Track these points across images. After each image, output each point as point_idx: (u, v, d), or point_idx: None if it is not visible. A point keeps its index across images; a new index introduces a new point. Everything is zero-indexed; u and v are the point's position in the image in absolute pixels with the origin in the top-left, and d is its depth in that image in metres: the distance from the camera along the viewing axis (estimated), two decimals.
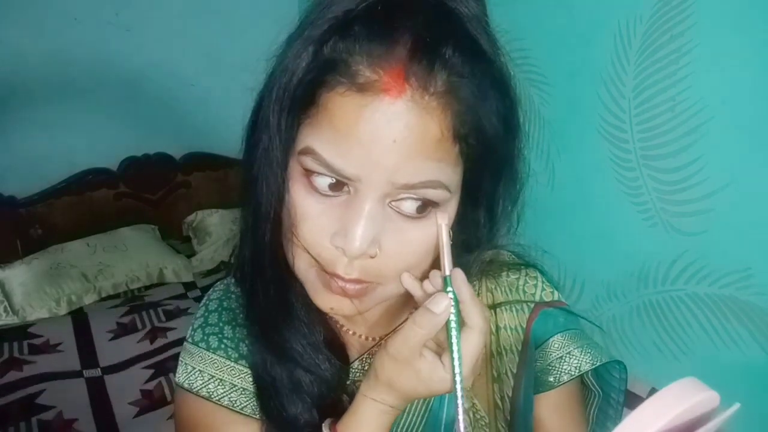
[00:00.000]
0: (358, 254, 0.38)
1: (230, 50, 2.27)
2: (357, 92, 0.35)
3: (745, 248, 1.06)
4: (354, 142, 0.36)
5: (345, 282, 0.41)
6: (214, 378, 0.51)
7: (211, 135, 2.33)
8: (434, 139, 0.36)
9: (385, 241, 0.40)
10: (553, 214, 1.42)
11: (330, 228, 0.40)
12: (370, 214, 0.38)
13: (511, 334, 0.53)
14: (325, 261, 0.41)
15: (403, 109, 0.35)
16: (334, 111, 0.36)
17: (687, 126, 1.11)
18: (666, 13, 1.10)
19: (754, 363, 1.08)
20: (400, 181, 0.37)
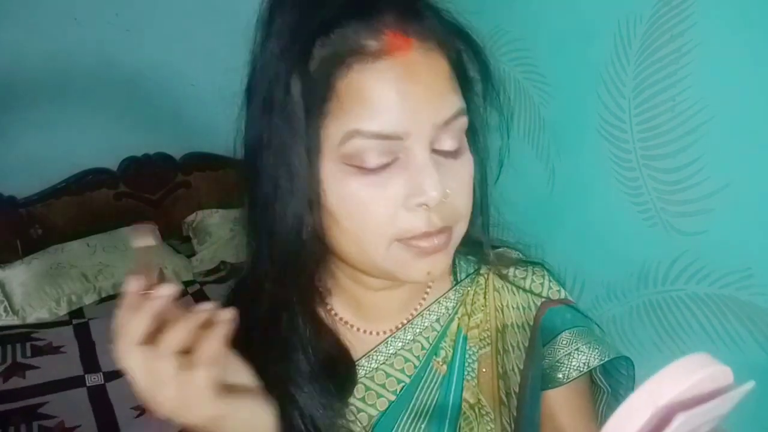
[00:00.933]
0: (439, 201, 0.41)
1: (230, 50, 2.26)
2: (373, 62, 0.39)
3: (745, 248, 1.06)
4: (393, 103, 0.39)
5: (434, 236, 0.43)
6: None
7: (211, 135, 2.33)
8: (447, 74, 0.42)
9: (447, 183, 0.42)
10: (553, 214, 1.42)
11: (399, 196, 0.41)
12: (430, 165, 0.41)
13: (518, 332, 0.53)
14: (406, 229, 0.42)
15: (418, 58, 0.40)
16: (359, 89, 0.39)
17: (687, 126, 1.11)
18: (666, 13, 1.10)
19: (754, 363, 1.08)
20: (442, 118, 0.41)
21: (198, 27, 2.19)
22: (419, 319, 0.54)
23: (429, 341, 0.53)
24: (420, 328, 0.54)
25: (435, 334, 0.53)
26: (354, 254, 0.45)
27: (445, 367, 0.52)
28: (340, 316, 0.55)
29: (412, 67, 0.40)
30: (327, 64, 0.40)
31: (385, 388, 0.52)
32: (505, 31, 1.45)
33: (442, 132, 0.42)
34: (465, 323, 0.53)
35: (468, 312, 0.54)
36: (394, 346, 0.53)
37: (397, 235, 0.42)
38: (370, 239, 0.43)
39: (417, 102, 0.40)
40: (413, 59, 0.40)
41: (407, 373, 0.52)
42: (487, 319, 0.54)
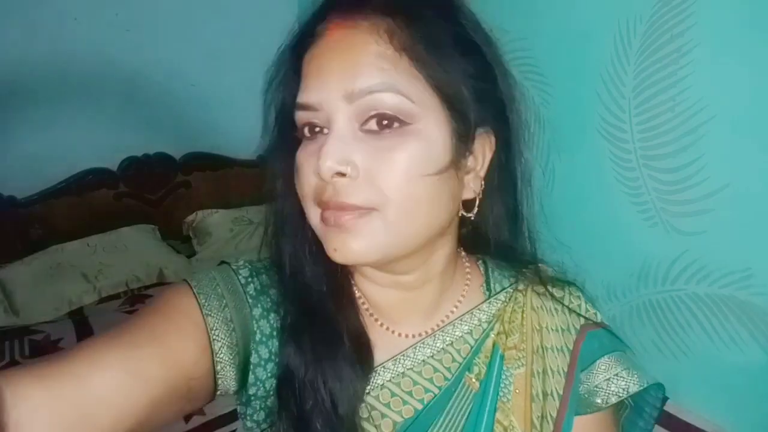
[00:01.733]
0: (328, 173, 0.41)
1: (230, 50, 2.27)
2: (314, 41, 0.45)
3: (745, 248, 1.06)
4: (313, 77, 0.44)
5: (335, 211, 0.42)
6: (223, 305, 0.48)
7: (211, 135, 2.33)
8: (375, 51, 0.42)
9: (362, 160, 0.42)
10: (553, 214, 1.42)
11: (314, 163, 0.43)
12: (338, 135, 0.42)
13: (557, 355, 0.53)
14: (316, 195, 0.44)
15: (344, 35, 0.43)
16: (305, 67, 0.45)
17: (687, 126, 1.11)
18: (666, 13, 1.10)
19: (754, 363, 1.08)
20: (351, 89, 0.41)
21: (198, 27, 2.20)
22: (450, 327, 0.53)
23: (461, 354, 0.52)
24: (451, 338, 0.53)
25: (468, 348, 0.53)
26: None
27: (478, 384, 0.51)
28: (367, 306, 0.54)
29: (336, 43, 0.43)
30: (293, 55, 0.47)
31: (411, 396, 0.50)
32: (505, 31, 1.44)
33: (365, 106, 0.42)
34: (502, 341, 0.53)
35: (505, 330, 0.53)
36: (423, 352, 0.52)
37: (313, 199, 0.44)
38: (303, 200, 0.46)
39: (329, 73, 0.43)
40: (339, 37, 0.43)
41: (437, 384, 0.51)
42: (523, 339, 0.53)
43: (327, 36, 0.44)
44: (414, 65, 0.42)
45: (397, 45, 0.42)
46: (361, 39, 0.42)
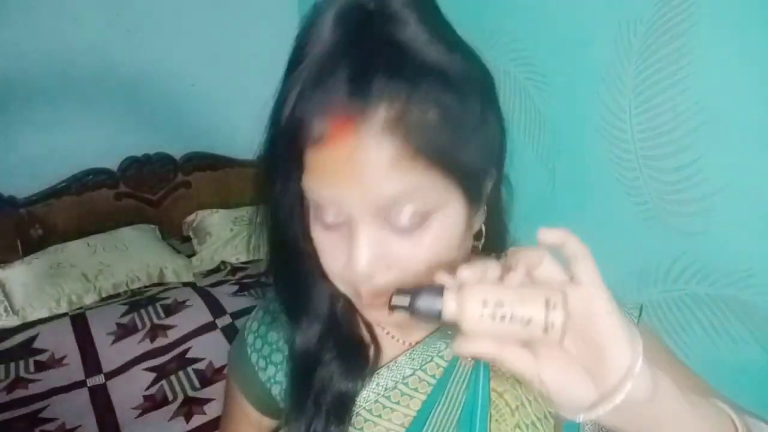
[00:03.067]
0: (366, 277, 0.43)
1: (230, 50, 2.27)
2: (317, 145, 0.41)
3: (745, 248, 1.06)
4: (327, 185, 0.42)
5: (373, 297, 0.45)
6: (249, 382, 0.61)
7: (211, 135, 2.33)
8: (389, 162, 0.40)
9: (392, 255, 0.43)
10: (553, 214, 1.42)
11: (341, 258, 0.44)
12: (367, 238, 0.42)
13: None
14: (350, 281, 0.45)
15: (352, 147, 0.39)
16: (309, 163, 0.42)
17: (687, 126, 1.11)
18: (666, 14, 1.10)
19: (755, 363, 1.08)
20: (372, 204, 0.41)
21: (198, 27, 2.20)
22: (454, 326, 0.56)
23: None
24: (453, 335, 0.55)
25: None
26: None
27: (472, 361, 0.55)
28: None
29: (348, 156, 0.40)
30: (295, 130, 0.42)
31: (417, 391, 0.55)
32: (505, 31, 1.45)
33: (388, 212, 0.42)
34: None
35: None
36: (429, 353, 0.56)
37: (343, 282, 0.47)
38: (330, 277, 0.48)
39: (348, 187, 0.41)
40: (349, 148, 0.40)
41: (438, 377, 0.55)
42: None
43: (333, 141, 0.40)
44: (430, 165, 0.41)
45: (412, 151, 0.40)
46: (375, 151, 0.40)
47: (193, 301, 1.83)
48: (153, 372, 1.56)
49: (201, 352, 1.63)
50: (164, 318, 1.76)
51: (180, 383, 1.53)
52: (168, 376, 1.54)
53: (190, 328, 1.71)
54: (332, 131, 0.40)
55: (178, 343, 1.67)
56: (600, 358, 0.37)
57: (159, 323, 1.74)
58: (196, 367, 1.58)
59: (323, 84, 0.40)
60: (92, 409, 1.44)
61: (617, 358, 0.36)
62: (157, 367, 1.58)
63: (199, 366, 1.58)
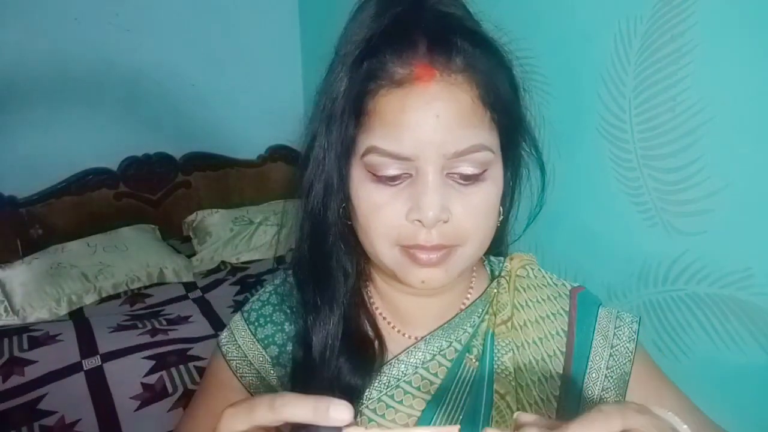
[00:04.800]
0: (434, 222, 0.45)
1: (230, 50, 2.27)
2: (397, 88, 0.44)
3: (745, 248, 1.06)
4: (405, 128, 0.43)
5: (429, 251, 0.47)
6: (235, 343, 0.59)
7: (211, 135, 2.34)
8: (468, 109, 0.44)
9: (453, 205, 0.46)
10: (553, 214, 1.42)
11: (403, 208, 0.46)
12: (434, 185, 0.44)
13: (555, 319, 0.57)
14: (406, 237, 0.47)
15: (437, 90, 0.43)
16: (382, 110, 0.44)
17: (687, 126, 1.11)
18: (666, 13, 1.10)
19: (755, 363, 1.08)
20: (450, 150, 0.44)
21: (198, 27, 2.20)
22: (458, 323, 0.57)
23: (461, 343, 0.57)
24: (457, 335, 0.57)
25: (467, 335, 0.57)
26: (367, 247, 0.51)
27: (477, 363, 0.55)
28: (382, 313, 0.59)
29: (430, 97, 0.43)
30: (363, 86, 0.45)
31: (420, 390, 0.55)
32: (506, 31, 1.45)
33: (455, 162, 0.45)
34: (492, 321, 0.57)
35: (494, 311, 0.58)
36: (431, 351, 0.56)
37: (397, 240, 0.47)
38: (376, 238, 0.48)
39: (427, 132, 0.43)
40: (433, 90, 0.43)
41: (440, 377, 0.55)
42: (511, 315, 0.57)
43: (416, 83, 0.43)
44: (493, 117, 0.46)
45: (485, 100, 0.45)
46: (456, 94, 0.44)
47: (195, 316, 1.83)
48: (152, 360, 1.55)
49: (202, 352, 1.63)
50: (166, 325, 1.77)
51: (180, 376, 1.52)
52: (168, 368, 1.53)
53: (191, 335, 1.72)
54: (417, 74, 0.43)
55: (179, 341, 1.67)
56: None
57: (161, 328, 1.74)
58: (197, 364, 1.58)
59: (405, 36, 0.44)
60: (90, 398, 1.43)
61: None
62: (156, 356, 1.57)
63: (199, 364, 1.58)
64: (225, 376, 0.59)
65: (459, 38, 0.45)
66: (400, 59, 0.44)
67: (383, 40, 0.45)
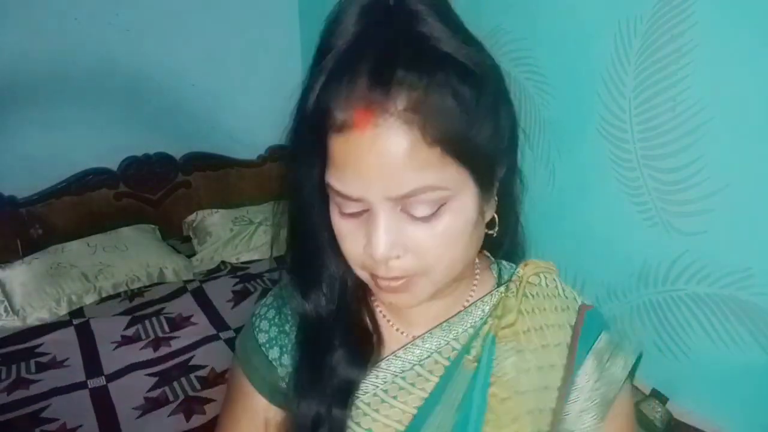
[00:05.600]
0: (384, 259, 0.46)
1: (230, 50, 2.27)
2: (340, 133, 0.43)
3: (745, 248, 1.06)
4: (349, 173, 0.44)
5: (389, 280, 0.48)
6: (251, 365, 0.61)
7: (211, 135, 2.34)
8: (408, 152, 0.42)
9: (409, 240, 0.46)
10: (553, 214, 1.42)
11: (361, 242, 0.47)
12: (385, 225, 0.45)
13: (559, 331, 0.57)
14: (369, 266, 0.49)
15: (375, 134, 0.42)
16: (332, 152, 0.45)
17: (687, 126, 1.11)
18: (666, 13, 1.10)
19: (754, 363, 1.08)
20: (393, 193, 0.44)
21: (198, 27, 2.20)
22: (457, 322, 0.57)
23: (460, 342, 0.57)
24: (455, 334, 0.57)
25: (466, 336, 0.57)
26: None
27: (475, 364, 0.55)
28: (382, 311, 0.60)
29: (370, 142, 0.42)
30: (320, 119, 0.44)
31: (415, 387, 0.55)
32: (505, 31, 1.45)
33: (405, 202, 0.45)
34: (495, 325, 0.57)
35: (499, 315, 0.57)
36: (429, 349, 0.56)
37: (362, 266, 0.50)
38: (347, 260, 0.51)
39: (370, 176, 0.43)
40: (369, 137, 0.42)
41: (437, 374, 0.56)
42: (516, 320, 0.57)
43: (356, 129, 0.43)
44: (446, 153, 0.44)
45: (429, 139, 0.42)
46: (395, 140, 0.42)
47: (197, 317, 1.84)
48: (155, 377, 1.57)
49: (203, 360, 1.64)
50: (168, 332, 1.77)
51: (181, 387, 1.53)
52: (171, 383, 1.54)
53: (193, 340, 1.73)
54: (355, 120, 0.43)
55: (181, 352, 1.67)
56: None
57: (163, 336, 1.75)
58: (198, 374, 1.58)
59: (347, 74, 0.43)
60: (92, 408, 1.44)
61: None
62: (159, 372, 1.58)
63: (201, 373, 1.59)
64: (240, 383, 0.61)
65: (403, 69, 0.42)
66: (342, 101, 0.43)
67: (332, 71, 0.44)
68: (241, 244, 2.22)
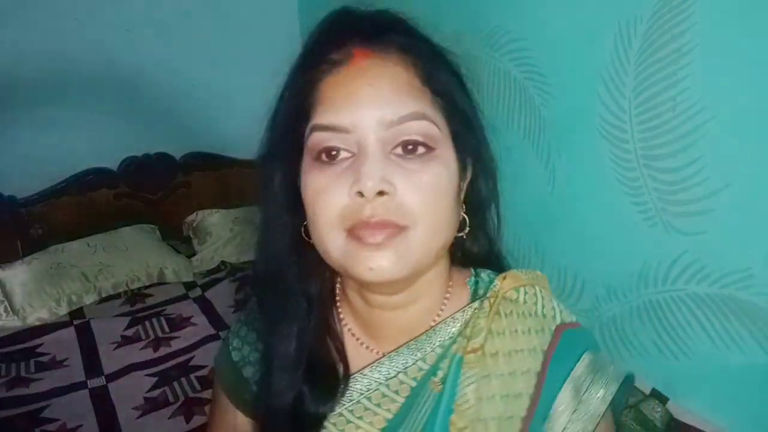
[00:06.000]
0: (373, 191, 0.43)
1: (230, 50, 2.27)
2: (336, 67, 0.46)
3: (745, 248, 1.06)
4: (342, 100, 0.45)
5: (373, 228, 0.44)
6: (231, 381, 0.61)
7: (211, 135, 2.34)
8: (404, 80, 0.46)
9: (397, 180, 0.45)
10: (553, 214, 1.42)
11: (346, 183, 0.45)
12: (374, 157, 0.44)
13: (528, 356, 0.52)
14: (350, 215, 0.45)
15: (373, 63, 0.46)
16: (325, 90, 0.46)
17: (687, 126, 1.11)
18: (666, 13, 1.10)
19: (754, 363, 1.08)
20: (387, 117, 0.45)
21: (198, 27, 2.20)
22: (425, 340, 0.54)
23: (427, 363, 0.54)
24: (423, 353, 0.54)
25: (434, 356, 0.54)
26: (321, 250, 0.49)
27: (441, 386, 0.52)
28: (349, 327, 0.57)
29: (364, 71, 0.46)
30: (308, 78, 0.47)
31: (380, 407, 0.53)
32: (505, 31, 1.45)
33: (395, 132, 0.45)
34: (462, 345, 0.53)
35: (468, 335, 0.53)
36: (395, 368, 0.54)
37: (341, 222, 0.45)
38: (323, 227, 0.47)
39: (362, 99, 0.45)
40: (366, 65, 0.46)
41: (402, 394, 0.53)
42: (484, 344, 0.52)
43: (352, 63, 0.46)
44: (434, 97, 0.47)
45: (422, 77, 0.47)
46: (392, 68, 0.46)
47: (197, 317, 1.84)
48: (154, 377, 1.57)
49: (203, 360, 1.64)
50: (168, 332, 1.77)
51: (181, 387, 1.53)
52: (171, 383, 1.54)
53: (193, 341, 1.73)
54: (354, 55, 0.46)
55: (181, 352, 1.67)
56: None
57: (163, 336, 1.75)
58: (198, 374, 1.58)
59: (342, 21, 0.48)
60: (92, 409, 1.44)
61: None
62: (158, 373, 1.58)
63: (200, 373, 1.59)
64: (220, 399, 0.62)
65: (393, 33, 0.48)
66: (338, 48, 0.47)
67: (322, 40, 0.49)
68: (241, 244, 2.22)
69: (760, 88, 0.99)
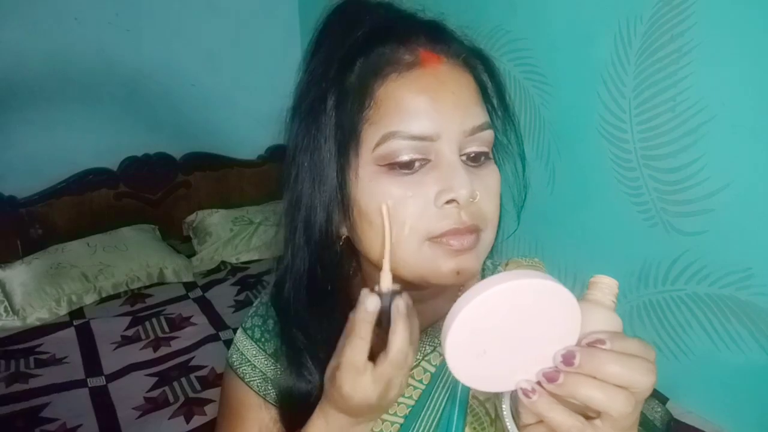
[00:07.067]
0: (468, 200, 0.44)
1: (230, 50, 2.27)
2: (407, 71, 0.45)
3: (745, 248, 1.06)
4: (424, 108, 0.44)
5: (462, 235, 0.45)
6: (250, 363, 0.60)
7: (211, 135, 2.34)
8: (473, 89, 0.47)
9: (476, 187, 0.45)
10: (553, 214, 1.42)
11: (430, 194, 0.44)
12: (460, 165, 0.45)
13: None
14: (437, 225, 0.44)
15: (448, 69, 0.46)
16: (395, 95, 0.44)
17: (687, 126, 1.11)
18: (666, 13, 1.10)
19: (754, 363, 1.08)
20: (468, 125, 0.45)
21: (198, 27, 2.20)
22: (439, 325, 0.55)
23: None
24: (439, 340, 0.53)
25: None
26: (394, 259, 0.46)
27: None
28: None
29: (442, 77, 0.45)
30: (366, 78, 0.45)
31: (404, 396, 0.54)
32: (505, 31, 1.45)
33: (470, 140, 0.46)
34: None
35: None
36: (416, 357, 0.55)
37: (428, 232, 0.45)
38: (405, 237, 0.45)
39: (447, 107, 0.44)
40: (443, 71, 0.45)
41: (425, 383, 0.55)
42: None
43: (425, 67, 0.45)
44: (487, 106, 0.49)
45: (479, 84, 0.48)
46: (463, 76, 0.47)
47: (196, 317, 1.84)
48: (154, 377, 1.57)
49: (203, 360, 1.64)
50: (168, 332, 1.77)
51: (181, 387, 1.53)
52: (171, 383, 1.54)
53: (193, 341, 1.73)
54: (422, 58, 0.45)
55: (181, 353, 1.67)
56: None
57: (163, 336, 1.75)
58: (197, 374, 1.58)
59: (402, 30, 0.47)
60: (92, 408, 1.44)
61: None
62: (158, 373, 1.58)
63: (200, 373, 1.59)
64: (247, 396, 0.59)
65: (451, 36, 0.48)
66: (404, 47, 0.45)
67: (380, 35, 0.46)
68: (241, 244, 2.22)
69: (760, 88, 0.99)
